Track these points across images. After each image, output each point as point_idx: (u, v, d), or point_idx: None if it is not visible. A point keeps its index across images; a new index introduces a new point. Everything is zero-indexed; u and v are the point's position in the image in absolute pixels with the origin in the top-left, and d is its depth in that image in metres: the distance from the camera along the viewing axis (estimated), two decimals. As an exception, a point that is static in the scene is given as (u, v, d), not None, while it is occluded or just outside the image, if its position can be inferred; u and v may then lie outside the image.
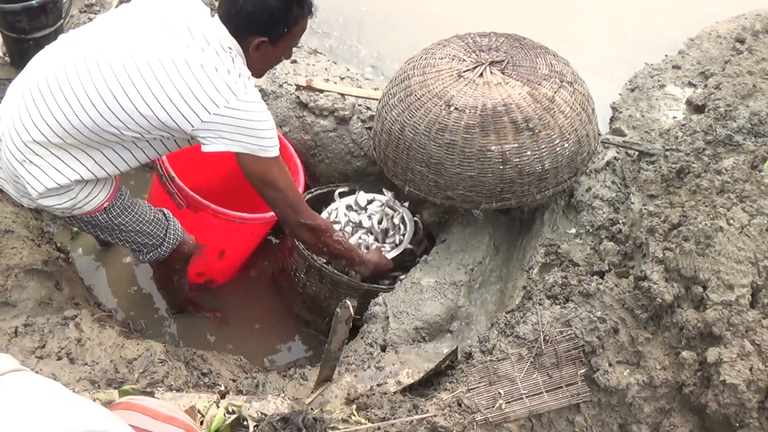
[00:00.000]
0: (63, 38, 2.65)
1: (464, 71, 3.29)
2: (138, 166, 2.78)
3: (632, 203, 3.20)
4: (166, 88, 2.40)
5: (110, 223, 2.84)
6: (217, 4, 2.69)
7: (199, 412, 2.10)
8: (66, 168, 2.56)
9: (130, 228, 2.88)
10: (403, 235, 3.68)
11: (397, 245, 3.65)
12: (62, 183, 2.57)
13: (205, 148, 2.51)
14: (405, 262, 3.65)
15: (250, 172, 2.62)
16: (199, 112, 2.41)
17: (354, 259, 3.23)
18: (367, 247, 3.60)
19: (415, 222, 3.75)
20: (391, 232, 3.71)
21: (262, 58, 2.65)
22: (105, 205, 2.77)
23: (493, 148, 3.08)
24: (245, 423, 2.13)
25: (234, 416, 2.13)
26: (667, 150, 3.30)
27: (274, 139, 2.56)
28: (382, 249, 3.57)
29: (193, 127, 2.44)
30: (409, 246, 3.66)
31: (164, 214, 3.03)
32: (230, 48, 2.50)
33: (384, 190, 3.78)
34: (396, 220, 3.72)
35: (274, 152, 2.58)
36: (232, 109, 2.42)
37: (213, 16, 2.55)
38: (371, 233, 3.68)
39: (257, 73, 2.72)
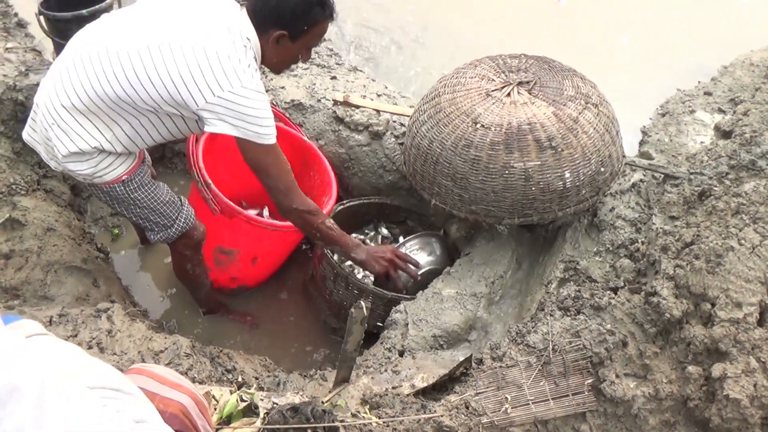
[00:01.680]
0: (105, 18, 2.89)
1: (492, 90, 3.39)
2: (152, 145, 2.98)
3: (653, 224, 3.25)
4: (179, 65, 2.62)
5: (127, 197, 3.02)
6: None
7: (213, 397, 2.22)
8: (87, 135, 2.79)
9: (144, 204, 3.07)
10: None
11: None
12: (83, 148, 2.80)
13: (206, 128, 2.70)
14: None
15: (247, 157, 2.80)
16: (204, 92, 2.61)
17: (348, 245, 3.28)
18: None
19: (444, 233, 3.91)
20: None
21: (281, 53, 2.87)
22: (124, 178, 2.97)
23: (516, 165, 3.16)
24: (257, 411, 2.24)
25: (246, 403, 2.24)
26: (691, 173, 3.35)
27: (271, 128, 2.74)
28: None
29: (197, 105, 2.64)
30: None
31: (180, 200, 3.22)
32: (249, 39, 2.73)
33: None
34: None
35: (271, 140, 2.75)
36: (235, 94, 2.61)
37: (241, 8, 2.78)
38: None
39: (275, 67, 2.98)
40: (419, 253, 3.73)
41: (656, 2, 5.77)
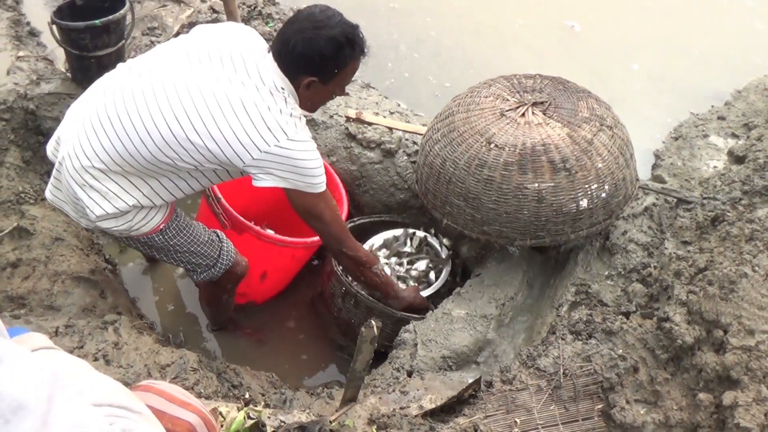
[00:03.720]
0: (122, 66, 2.79)
1: (507, 110, 3.37)
2: (193, 194, 2.93)
3: (666, 248, 3.23)
4: (220, 126, 2.52)
5: (166, 244, 2.94)
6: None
7: (220, 414, 2.20)
8: (124, 194, 2.70)
9: (185, 249, 2.99)
10: (439, 271, 3.79)
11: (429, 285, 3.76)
12: (121, 208, 2.71)
13: (255, 183, 2.64)
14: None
15: (298, 206, 2.76)
16: (251, 150, 2.53)
17: (389, 293, 3.36)
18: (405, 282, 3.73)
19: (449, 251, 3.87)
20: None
21: (314, 96, 2.75)
22: (161, 227, 2.89)
23: (529, 186, 3.15)
24: (264, 429, 2.22)
25: (253, 421, 2.22)
26: (704, 198, 3.33)
27: (321, 176, 2.69)
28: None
29: (244, 163, 2.56)
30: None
31: (218, 236, 3.14)
32: (283, 88, 2.61)
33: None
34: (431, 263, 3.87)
35: (321, 188, 2.71)
36: (283, 148, 2.53)
37: (268, 52, 2.67)
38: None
39: (309, 108, 2.84)
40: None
41: (669, 28, 5.75)
